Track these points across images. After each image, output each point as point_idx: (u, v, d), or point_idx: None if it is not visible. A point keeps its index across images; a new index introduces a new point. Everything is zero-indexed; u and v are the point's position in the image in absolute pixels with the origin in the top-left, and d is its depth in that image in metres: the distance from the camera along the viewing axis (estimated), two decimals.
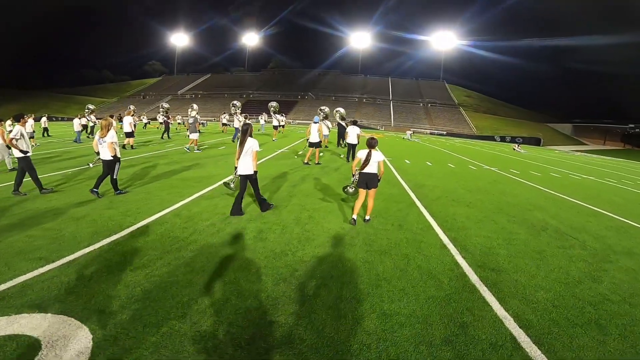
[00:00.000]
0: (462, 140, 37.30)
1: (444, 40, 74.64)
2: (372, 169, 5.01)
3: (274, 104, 21.05)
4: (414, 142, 27.06)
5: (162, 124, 20.34)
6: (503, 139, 42.98)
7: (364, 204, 5.25)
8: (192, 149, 12.74)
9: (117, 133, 6.21)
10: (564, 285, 3.66)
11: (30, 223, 4.54)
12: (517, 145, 28.37)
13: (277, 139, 19.04)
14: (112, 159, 5.89)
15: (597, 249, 4.89)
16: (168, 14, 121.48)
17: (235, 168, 5.28)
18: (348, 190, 5.93)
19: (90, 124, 18.05)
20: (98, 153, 6.16)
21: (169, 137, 18.17)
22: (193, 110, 13.47)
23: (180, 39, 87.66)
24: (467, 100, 67.75)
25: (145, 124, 27.55)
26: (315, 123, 10.85)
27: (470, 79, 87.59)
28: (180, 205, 5.63)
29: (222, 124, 26.13)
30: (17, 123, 6.27)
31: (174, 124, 26.32)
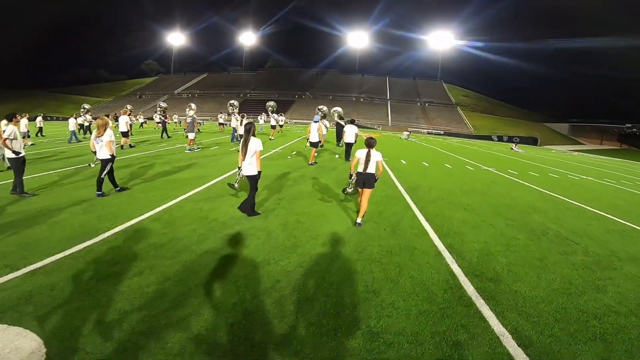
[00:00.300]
0: (459, 140, 37.06)
1: (442, 40, 74.32)
2: (370, 169, 4.94)
3: (272, 104, 20.87)
4: (411, 142, 26.82)
5: (159, 124, 20.09)
6: (500, 139, 42.80)
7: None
8: (192, 149, 12.63)
9: (113, 132, 6.17)
10: (567, 296, 3.41)
11: (5, 228, 4.27)
12: (514, 145, 28.08)
13: (274, 138, 18.84)
14: (109, 158, 5.88)
15: (600, 255, 4.64)
16: (164, 13, 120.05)
17: (239, 168, 5.06)
18: (347, 191, 5.89)
19: (86, 124, 18.01)
20: (95, 152, 6.13)
21: (168, 136, 17.97)
22: (191, 110, 13.29)
23: (177, 38, 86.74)
24: (464, 100, 67.57)
25: (142, 124, 27.18)
26: (315, 122, 10.67)
27: (468, 79, 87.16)
28: (162, 209, 5.35)
29: (219, 124, 25.86)
30: (9, 123, 6.05)
31: (171, 124, 26.00)
